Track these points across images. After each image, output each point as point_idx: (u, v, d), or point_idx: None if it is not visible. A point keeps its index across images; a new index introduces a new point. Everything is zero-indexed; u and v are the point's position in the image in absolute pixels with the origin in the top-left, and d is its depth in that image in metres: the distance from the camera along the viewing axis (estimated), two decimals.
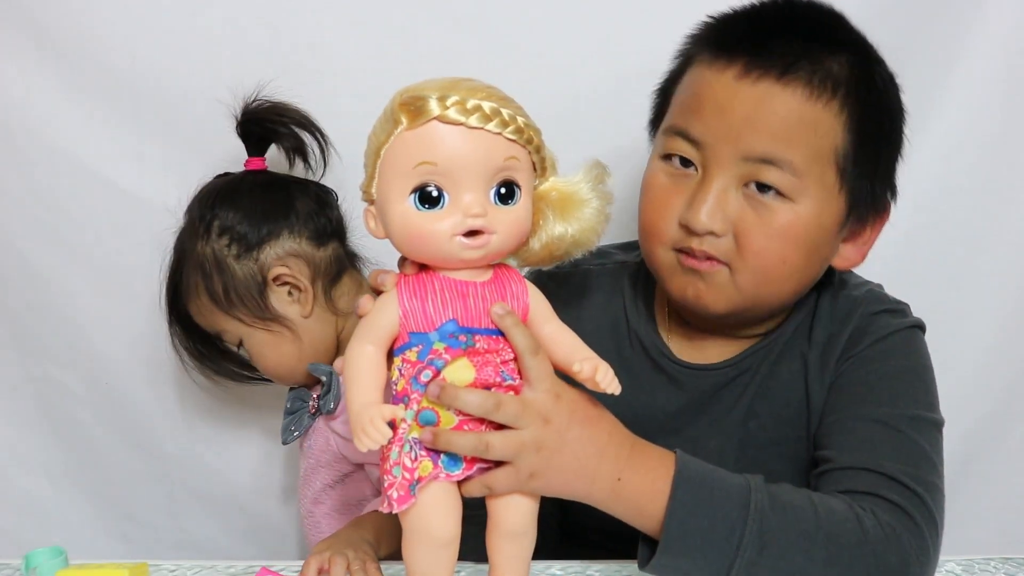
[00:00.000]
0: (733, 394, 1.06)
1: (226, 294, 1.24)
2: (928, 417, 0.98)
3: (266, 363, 1.28)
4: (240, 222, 1.24)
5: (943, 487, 0.95)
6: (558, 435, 0.84)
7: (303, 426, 1.29)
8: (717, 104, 0.97)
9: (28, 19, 1.40)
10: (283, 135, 1.28)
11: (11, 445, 1.55)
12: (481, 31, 1.39)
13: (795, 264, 0.98)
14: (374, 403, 0.81)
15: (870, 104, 0.98)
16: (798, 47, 0.96)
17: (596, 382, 0.84)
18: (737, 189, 0.97)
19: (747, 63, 0.96)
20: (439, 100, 0.79)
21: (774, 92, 0.95)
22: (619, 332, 1.11)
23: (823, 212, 0.97)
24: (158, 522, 1.57)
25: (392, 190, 0.82)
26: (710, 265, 0.98)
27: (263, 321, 1.25)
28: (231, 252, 1.24)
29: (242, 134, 1.28)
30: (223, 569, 1.06)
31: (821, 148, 0.96)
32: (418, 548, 0.83)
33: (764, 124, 0.95)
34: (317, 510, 1.32)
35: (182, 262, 1.26)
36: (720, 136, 0.96)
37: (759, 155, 0.95)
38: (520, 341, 0.83)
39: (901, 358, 1.02)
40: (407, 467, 0.81)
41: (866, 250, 1.05)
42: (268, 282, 1.24)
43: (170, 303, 1.30)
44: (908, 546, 0.88)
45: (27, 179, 1.45)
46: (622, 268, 1.14)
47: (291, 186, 1.28)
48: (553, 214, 0.87)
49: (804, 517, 0.87)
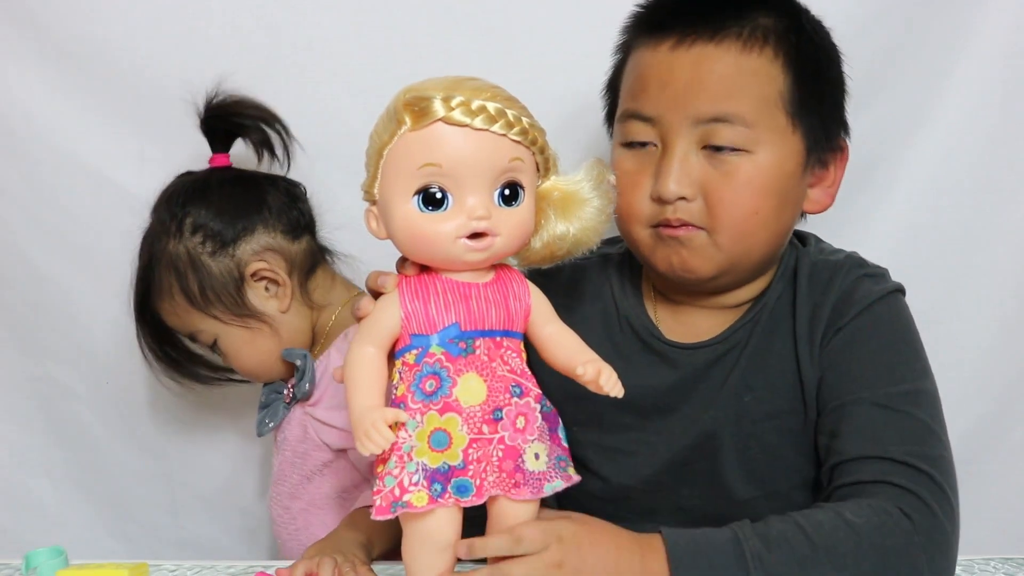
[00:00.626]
0: (724, 369, 1.06)
1: (202, 292, 1.23)
2: (923, 387, 1.00)
3: (243, 360, 1.28)
4: (213, 219, 1.24)
5: (950, 455, 0.96)
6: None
7: (278, 417, 1.29)
8: (659, 78, 1.00)
9: (28, 19, 1.40)
10: (249, 129, 1.28)
11: (11, 445, 1.55)
12: (481, 31, 1.39)
13: (767, 213, 1.00)
14: (375, 407, 0.80)
15: (803, 46, 1.01)
16: (725, 10, 1.00)
17: (600, 385, 0.84)
18: (697, 152, 0.99)
19: (680, 33, 1.00)
20: (443, 101, 0.79)
21: (708, 53, 0.99)
22: (609, 319, 1.12)
23: (782, 157, 1.00)
24: (158, 522, 1.57)
25: (395, 191, 0.81)
26: (687, 231, 1.00)
27: (241, 318, 1.25)
28: (205, 249, 1.23)
29: (206, 130, 1.28)
30: (223, 569, 1.06)
31: (766, 95, 0.99)
32: (419, 551, 0.83)
33: (706, 85, 0.98)
34: (295, 505, 1.30)
35: (153, 263, 1.25)
36: (668, 107, 0.99)
37: (709, 116, 0.98)
38: (496, 549, 0.84)
39: (888, 328, 1.03)
40: (402, 486, 0.80)
41: (834, 191, 1.07)
42: (246, 278, 1.24)
43: (140, 306, 1.28)
44: (915, 527, 0.88)
45: (28, 179, 1.45)
46: (606, 260, 1.15)
47: (260, 181, 1.28)
48: (555, 213, 0.87)
49: (798, 544, 0.87)
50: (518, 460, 0.82)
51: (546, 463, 0.84)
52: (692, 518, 1.04)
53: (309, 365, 1.25)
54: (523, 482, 0.82)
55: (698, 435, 1.06)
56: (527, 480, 0.82)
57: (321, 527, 1.26)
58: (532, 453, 0.83)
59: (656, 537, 0.89)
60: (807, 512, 0.91)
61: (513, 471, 0.81)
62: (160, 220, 1.25)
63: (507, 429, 0.82)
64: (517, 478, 0.82)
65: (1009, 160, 1.41)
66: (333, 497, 1.29)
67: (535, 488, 0.82)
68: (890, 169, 1.41)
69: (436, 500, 0.80)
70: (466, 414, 0.81)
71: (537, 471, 0.83)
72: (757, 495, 1.05)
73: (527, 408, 0.83)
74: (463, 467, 0.80)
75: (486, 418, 0.81)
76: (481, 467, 0.81)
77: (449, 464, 0.80)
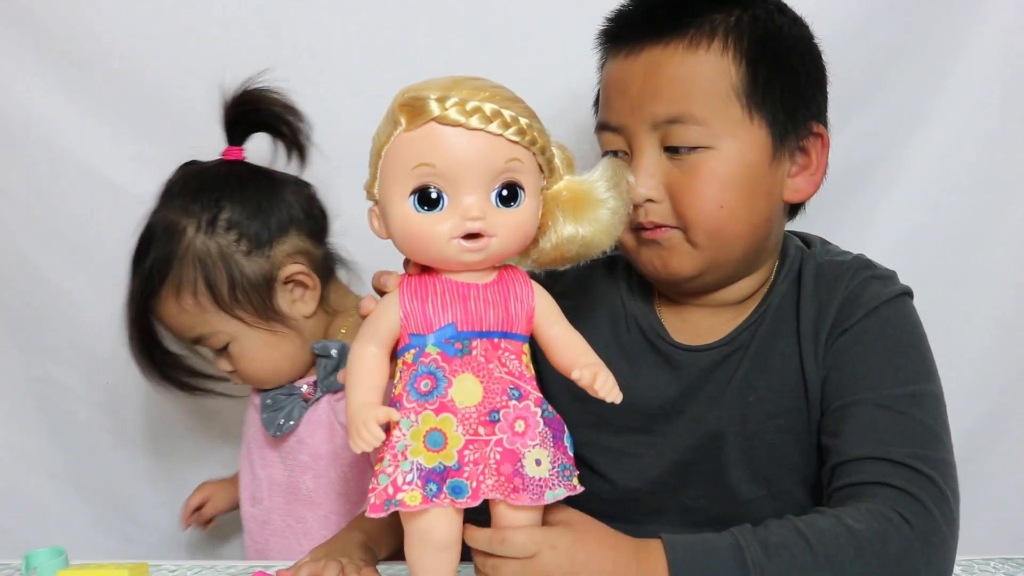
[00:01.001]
0: (729, 370, 1.07)
1: (231, 292, 1.18)
2: (927, 390, 0.99)
3: (259, 364, 1.23)
4: (250, 216, 1.19)
5: (953, 458, 0.96)
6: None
7: (294, 416, 1.23)
8: (617, 87, 1.03)
9: (28, 19, 1.40)
10: (276, 124, 1.24)
11: (11, 445, 1.55)
12: (481, 31, 1.39)
13: (735, 206, 1.01)
14: (370, 404, 0.81)
15: (755, 35, 1.01)
16: (675, 15, 1.01)
17: (595, 390, 0.84)
18: (660, 154, 1.01)
19: (631, 42, 1.03)
20: (439, 101, 0.79)
21: (656, 56, 1.01)
22: (617, 319, 1.12)
23: (743, 149, 1.01)
24: (158, 522, 1.57)
25: (392, 191, 0.82)
26: (662, 232, 1.02)
27: (267, 321, 1.20)
28: (240, 248, 1.18)
29: (229, 120, 1.23)
30: (223, 569, 1.06)
31: (716, 89, 1.00)
32: (421, 551, 0.83)
33: (657, 89, 1.00)
34: (311, 514, 1.26)
35: (173, 257, 1.18)
36: (628, 114, 1.02)
37: (663, 118, 1.00)
38: (481, 543, 0.85)
39: (895, 331, 1.02)
40: (395, 484, 0.80)
41: (818, 179, 1.07)
42: (278, 280, 1.20)
43: (142, 303, 1.21)
44: (914, 531, 0.88)
45: (28, 179, 1.45)
46: (615, 259, 1.15)
47: (279, 180, 1.24)
48: (563, 215, 0.86)
49: (798, 551, 0.87)
50: (517, 464, 0.81)
51: (548, 470, 0.83)
52: (697, 518, 1.04)
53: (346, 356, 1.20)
54: (522, 487, 0.81)
55: (703, 436, 1.06)
56: (526, 485, 0.81)
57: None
58: (533, 459, 0.82)
59: (656, 543, 0.89)
60: (808, 518, 0.91)
61: (512, 475, 0.81)
62: (187, 212, 1.19)
63: (505, 432, 0.81)
64: (516, 483, 0.81)
65: (1009, 160, 1.42)
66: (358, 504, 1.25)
67: (535, 494, 0.82)
68: (890, 169, 1.41)
69: (431, 500, 0.80)
70: (461, 415, 0.81)
71: (538, 477, 0.82)
72: (761, 494, 1.05)
73: (526, 412, 0.83)
74: (458, 468, 0.80)
75: (482, 419, 0.81)
76: (478, 469, 0.80)
77: (445, 464, 0.80)
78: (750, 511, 0.93)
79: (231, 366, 1.24)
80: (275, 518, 1.29)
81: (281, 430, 1.24)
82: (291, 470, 1.27)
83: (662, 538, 0.89)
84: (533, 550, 0.85)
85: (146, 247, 1.21)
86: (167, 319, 1.22)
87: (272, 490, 1.28)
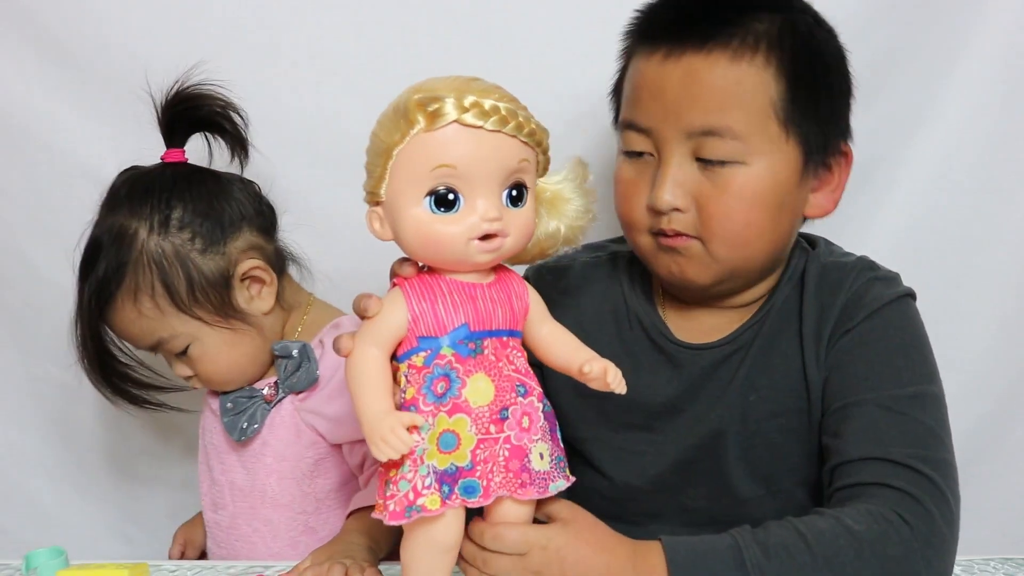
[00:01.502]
0: (730, 369, 1.07)
1: (190, 292, 1.16)
2: (929, 391, 0.99)
3: (221, 364, 1.21)
4: (201, 215, 1.18)
5: (954, 459, 0.96)
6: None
7: (257, 419, 1.22)
8: (651, 89, 1.00)
9: (28, 19, 1.40)
10: (215, 123, 1.23)
11: (11, 445, 1.55)
12: (481, 31, 1.39)
13: (761, 224, 1.00)
14: (390, 411, 0.80)
15: (797, 50, 1.00)
16: (717, 18, 0.99)
17: (607, 383, 0.84)
18: (691, 163, 0.99)
19: (670, 44, 0.99)
20: (457, 101, 0.79)
21: (698, 64, 0.98)
22: (619, 317, 1.12)
23: (776, 167, 0.99)
24: (158, 522, 1.57)
25: (406, 192, 0.81)
26: (683, 241, 1.00)
27: (227, 319, 1.19)
28: (195, 247, 1.17)
29: (166, 122, 1.21)
30: (223, 569, 1.06)
31: (756, 105, 0.98)
32: (423, 553, 0.83)
33: (695, 98, 0.97)
34: (278, 516, 1.25)
35: (125, 263, 1.16)
36: (661, 119, 0.99)
37: (699, 129, 0.97)
38: (472, 533, 0.86)
39: (897, 332, 1.02)
40: (416, 490, 0.80)
41: (838, 195, 1.06)
42: (235, 277, 1.19)
43: (95, 313, 1.19)
44: (914, 533, 0.88)
45: (27, 179, 1.45)
46: (617, 257, 1.15)
47: (224, 178, 1.23)
48: (547, 212, 0.88)
49: (797, 552, 0.88)
50: (524, 460, 0.82)
51: (549, 463, 0.84)
52: (696, 518, 1.04)
53: (309, 354, 1.20)
54: (529, 482, 0.82)
55: (705, 435, 1.06)
56: (533, 480, 0.82)
57: (326, 527, 1.24)
58: (537, 453, 0.83)
59: (655, 545, 0.89)
60: (808, 519, 0.91)
61: (520, 471, 0.82)
62: (136, 215, 1.17)
63: (513, 428, 0.82)
64: (523, 478, 0.82)
65: (1010, 160, 1.41)
66: (335, 493, 1.25)
67: (541, 488, 0.83)
68: (890, 169, 1.41)
69: (445, 502, 0.80)
70: (475, 414, 0.81)
71: (542, 471, 0.83)
72: (761, 494, 1.05)
73: (531, 407, 0.83)
74: (471, 468, 0.80)
75: (493, 418, 0.81)
76: (488, 467, 0.81)
77: (457, 465, 0.80)
78: (750, 511, 0.93)
79: (191, 370, 1.23)
80: (241, 523, 1.27)
81: (245, 434, 1.22)
82: (254, 474, 1.25)
83: (662, 540, 0.89)
84: (524, 549, 0.85)
85: (95, 256, 1.18)
86: (123, 327, 1.20)
87: (235, 495, 1.27)
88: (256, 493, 1.25)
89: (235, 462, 1.26)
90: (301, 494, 1.24)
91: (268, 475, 1.24)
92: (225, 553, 1.29)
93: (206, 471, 1.31)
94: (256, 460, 1.25)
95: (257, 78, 1.34)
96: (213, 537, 1.31)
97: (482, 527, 0.86)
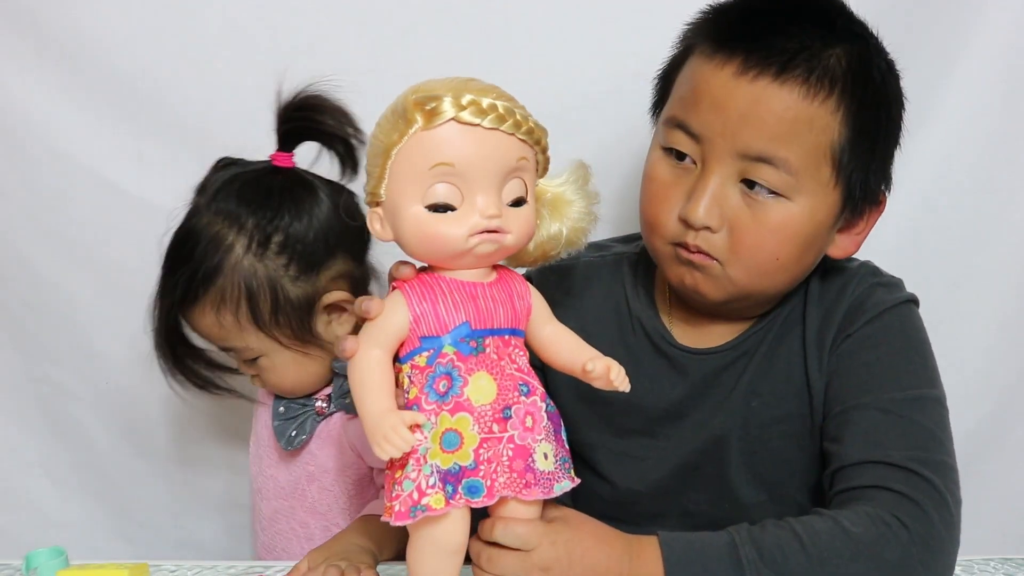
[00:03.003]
0: (734, 375, 1.06)
1: (273, 316, 1.14)
2: (930, 394, 0.99)
3: (286, 380, 1.20)
4: (302, 240, 1.14)
5: (954, 462, 0.95)
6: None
7: (306, 430, 1.23)
8: (714, 100, 0.97)
9: (28, 19, 1.39)
10: (331, 136, 1.16)
11: (11, 445, 1.55)
12: (481, 31, 1.39)
13: (788, 259, 0.99)
14: (393, 410, 0.80)
15: (867, 97, 0.98)
16: (795, 42, 0.96)
17: (610, 380, 0.84)
18: (734, 185, 0.97)
19: (744, 60, 0.96)
20: (454, 100, 0.79)
21: (771, 91, 0.95)
22: (622, 320, 1.11)
23: (818, 208, 0.98)
24: (158, 522, 1.57)
25: (405, 191, 0.81)
26: (703, 258, 0.99)
27: (302, 343, 1.16)
28: (288, 273, 1.14)
29: (283, 124, 1.16)
30: (223, 569, 1.06)
31: (817, 145, 0.96)
32: (429, 554, 0.82)
33: (760, 123, 0.95)
34: (314, 521, 1.25)
35: (218, 271, 1.13)
36: (717, 132, 0.96)
37: (755, 153, 0.95)
38: (484, 531, 0.86)
39: (898, 336, 1.02)
40: (420, 489, 0.80)
41: (861, 239, 1.05)
42: (320, 304, 1.16)
43: (177, 306, 1.16)
44: (911, 536, 0.88)
45: (27, 179, 1.44)
46: (621, 259, 1.15)
47: (330, 194, 1.17)
48: (549, 214, 0.88)
49: (793, 553, 0.88)
50: (528, 460, 0.82)
51: (554, 463, 0.84)
52: (697, 522, 1.04)
53: None
54: (534, 482, 0.82)
55: (707, 440, 1.06)
56: (538, 480, 0.82)
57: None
58: (542, 452, 0.83)
59: (651, 540, 0.89)
60: (806, 519, 0.91)
61: (524, 471, 0.82)
62: (238, 226, 1.13)
63: (516, 428, 0.82)
64: (528, 478, 0.82)
65: (1010, 160, 1.41)
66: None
67: (546, 488, 0.83)
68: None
69: (449, 501, 0.80)
70: (477, 413, 0.81)
71: (547, 471, 0.83)
72: (763, 499, 1.05)
73: (534, 407, 0.83)
74: (474, 467, 0.80)
75: (496, 417, 0.81)
76: (491, 467, 0.81)
77: (460, 465, 0.80)
78: (752, 516, 0.93)
79: (256, 372, 1.22)
80: (280, 519, 1.28)
81: (292, 444, 1.22)
82: (296, 478, 1.26)
83: (659, 536, 0.90)
84: (534, 543, 0.85)
85: (188, 253, 1.15)
86: (200, 327, 1.19)
87: (277, 491, 1.28)
88: (296, 495, 1.26)
89: (280, 461, 1.27)
90: (338, 507, 1.25)
91: (310, 482, 1.25)
92: (266, 542, 1.30)
93: (256, 459, 1.31)
94: (300, 466, 1.26)
95: (257, 79, 1.34)
96: (259, 523, 1.32)
97: (491, 521, 0.86)
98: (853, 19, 1.02)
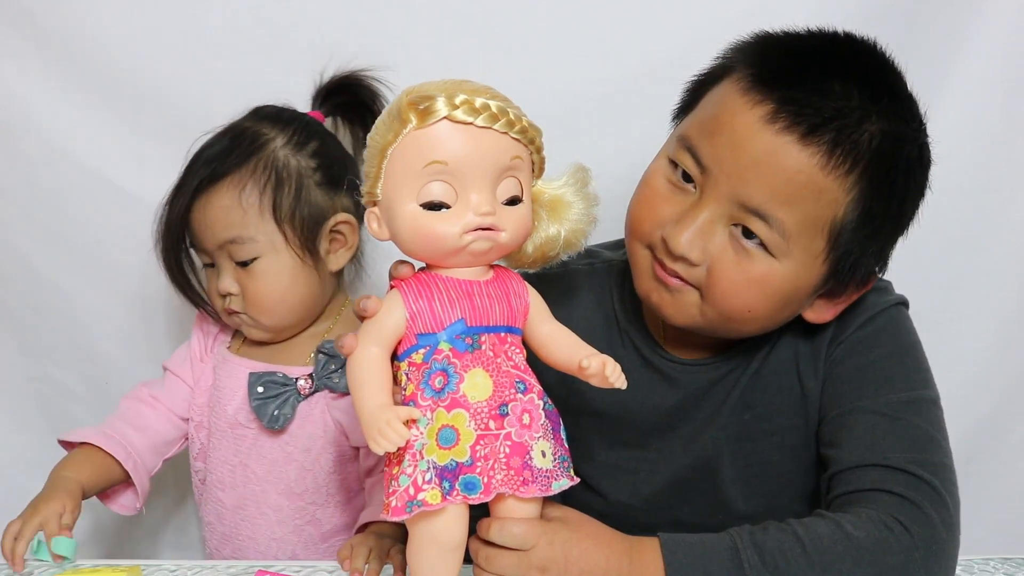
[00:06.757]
0: (726, 387, 1.06)
1: (292, 208, 1.19)
2: (924, 396, 0.99)
3: (274, 289, 1.21)
4: (333, 157, 1.24)
5: (952, 463, 0.95)
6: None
7: (288, 408, 1.22)
8: (733, 138, 0.93)
9: (28, 19, 1.40)
10: (357, 115, 1.29)
11: (11, 445, 1.55)
12: (481, 31, 1.39)
13: (760, 313, 0.97)
14: (388, 405, 0.81)
15: (886, 186, 0.94)
16: (833, 105, 0.91)
17: (606, 377, 0.84)
18: (725, 225, 0.94)
19: (776, 109, 0.91)
20: (447, 99, 0.79)
21: (791, 149, 0.91)
22: (611, 331, 1.10)
23: (801, 275, 0.95)
24: (158, 522, 1.57)
25: (401, 190, 0.82)
26: (678, 284, 0.96)
27: (302, 250, 1.20)
28: (314, 177, 1.21)
29: (326, 91, 1.29)
30: (223, 569, 1.06)
31: (819, 217, 0.93)
32: (427, 551, 0.83)
33: (770, 177, 0.91)
34: (289, 503, 1.25)
35: (252, 155, 1.20)
36: (724, 171, 0.93)
37: (754, 205, 0.92)
38: (480, 530, 0.86)
39: (890, 339, 1.02)
40: (416, 484, 0.80)
41: (839, 310, 1.01)
42: (328, 224, 1.22)
43: (196, 187, 1.19)
44: (914, 540, 0.88)
45: (27, 179, 1.45)
46: (610, 267, 1.13)
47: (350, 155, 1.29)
48: (547, 215, 0.88)
49: (795, 556, 0.87)
50: (526, 457, 0.82)
51: (552, 461, 0.84)
52: (693, 532, 1.04)
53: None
54: (531, 480, 0.82)
55: (698, 454, 1.06)
56: (536, 477, 0.82)
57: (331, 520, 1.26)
58: (539, 450, 0.83)
59: (651, 542, 0.89)
60: (807, 522, 0.90)
61: (521, 468, 0.82)
62: (278, 127, 1.22)
63: (513, 425, 0.82)
64: (525, 475, 0.82)
65: (1009, 160, 1.42)
66: (346, 491, 1.26)
67: (543, 486, 0.83)
68: None
69: (445, 497, 0.80)
70: (473, 410, 0.81)
71: (545, 468, 0.83)
72: (759, 510, 1.04)
73: (531, 404, 0.83)
74: (471, 464, 0.81)
75: (493, 414, 0.82)
76: (488, 464, 0.81)
77: (457, 461, 0.80)
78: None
79: (239, 287, 1.21)
80: (249, 505, 1.27)
81: (277, 422, 1.22)
82: (273, 461, 1.26)
83: (660, 538, 0.89)
84: (532, 542, 0.85)
85: (222, 141, 1.22)
86: (212, 212, 1.19)
87: (248, 477, 1.27)
88: (272, 479, 1.26)
89: (255, 446, 1.26)
90: (315, 487, 1.25)
91: (288, 463, 1.25)
92: (226, 529, 1.29)
93: (216, 448, 1.29)
94: (279, 448, 1.25)
95: (257, 79, 1.34)
96: (218, 515, 1.30)
97: (487, 521, 0.86)
98: (900, 95, 0.96)
